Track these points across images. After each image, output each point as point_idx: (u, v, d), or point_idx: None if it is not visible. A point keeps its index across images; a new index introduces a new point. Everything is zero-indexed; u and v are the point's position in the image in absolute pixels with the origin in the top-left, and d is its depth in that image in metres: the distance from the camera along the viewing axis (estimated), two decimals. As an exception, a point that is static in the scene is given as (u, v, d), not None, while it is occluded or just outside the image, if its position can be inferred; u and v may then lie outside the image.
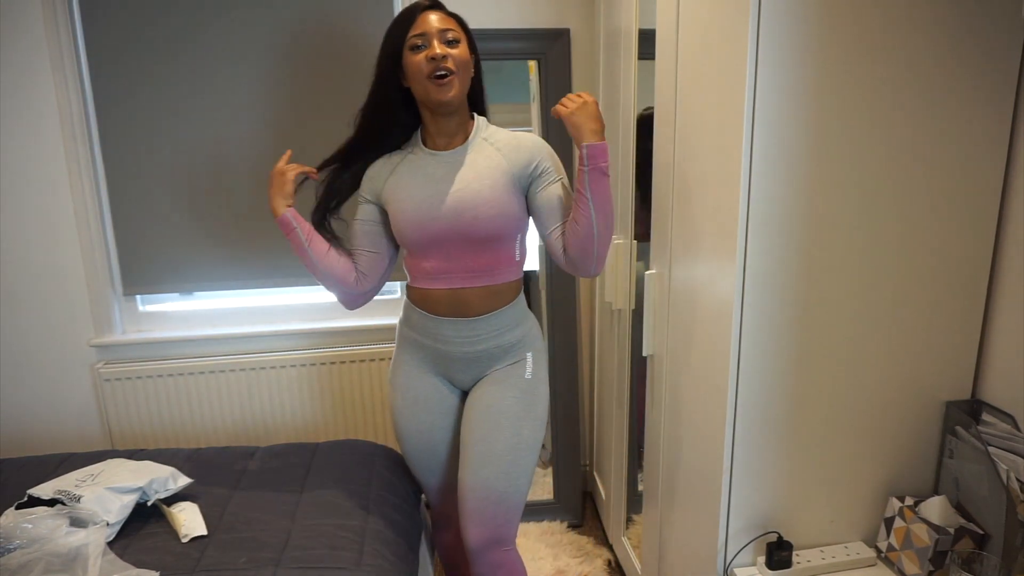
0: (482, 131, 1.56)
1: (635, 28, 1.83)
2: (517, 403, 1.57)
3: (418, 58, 1.45)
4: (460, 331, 1.57)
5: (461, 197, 1.49)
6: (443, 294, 1.56)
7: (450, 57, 1.44)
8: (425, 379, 1.65)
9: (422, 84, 1.46)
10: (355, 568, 1.47)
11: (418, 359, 1.65)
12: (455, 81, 1.46)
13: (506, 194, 1.50)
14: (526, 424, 1.57)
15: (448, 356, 1.61)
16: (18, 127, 2.16)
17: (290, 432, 2.44)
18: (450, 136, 1.55)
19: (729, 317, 1.27)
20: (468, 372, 1.63)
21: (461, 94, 1.49)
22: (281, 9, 2.19)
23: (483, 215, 1.48)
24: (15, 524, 1.44)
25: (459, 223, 1.49)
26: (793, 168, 1.21)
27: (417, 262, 1.58)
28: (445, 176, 1.52)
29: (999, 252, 1.33)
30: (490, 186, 1.49)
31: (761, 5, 1.13)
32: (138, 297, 2.39)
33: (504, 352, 1.60)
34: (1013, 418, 1.27)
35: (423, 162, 1.55)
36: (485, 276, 1.55)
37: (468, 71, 1.50)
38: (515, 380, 1.59)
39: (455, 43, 1.46)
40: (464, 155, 1.53)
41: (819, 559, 1.34)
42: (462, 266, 1.54)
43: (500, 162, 1.52)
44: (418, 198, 1.51)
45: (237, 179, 2.29)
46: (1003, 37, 1.23)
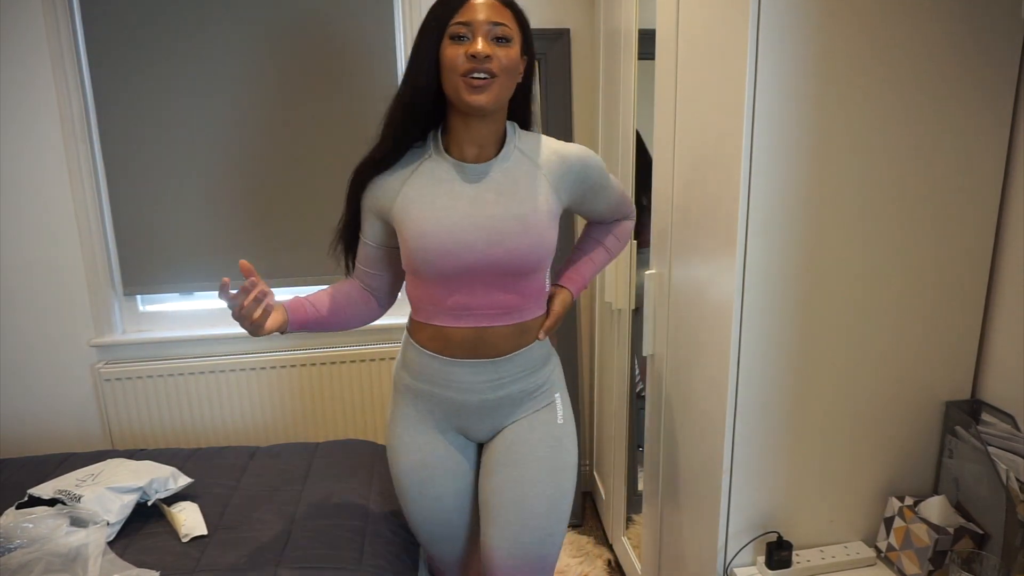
0: (515, 139, 1.31)
1: (635, 28, 1.83)
2: (551, 454, 1.36)
3: (457, 51, 1.19)
4: (481, 375, 1.33)
5: (498, 223, 1.24)
6: (464, 334, 1.31)
7: (495, 58, 1.18)
8: (433, 437, 1.38)
9: (453, 81, 1.20)
10: (355, 568, 1.47)
11: (424, 412, 1.38)
12: (494, 86, 1.20)
13: (549, 220, 1.28)
14: (563, 476, 1.37)
15: (464, 406, 1.35)
16: (18, 127, 2.16)
17: (290, 432, 2.44)
18: (481, 145, 1.28)
19: (729, 317, 1.27)
20: (487, 422, 1.38)
21: (498, 101, 1.22)
22: (282, 9, 2.20)
23: (523, 246, 1.25)
24: (15, 524, 1.44)
25: (493, 254, 1.24)
26: (793, 168, 1.21)
27: (430, 295, 1.31)
28: (476, 195, 1.26)
29: (999, 252, 1.33)
30: (532, 211, 1.25)
31: (761, 5, 1.13)
32: (138, 297, 2.39)
33: (529, 395, 1.37)
34: (1013, 418, 1.27)
35: (446, 174, 1.28)
36: (515, 313, 1.32)
37: (513, 76, 1.24)
38: (547, 428, 1.37)
39: (505, 41, 1.20)
40: (499, 170, 1.28)
41: (819, 559, 1.34)
42: (490, 302, 1.29)
43: (543, 183, 1.29)
44: (443, 221, 1.24)
45: (237, 179, 2.29)
46: (1003, 37, 1.23)
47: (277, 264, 2.36)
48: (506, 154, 1.29)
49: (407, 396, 1.39)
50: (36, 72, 2.14)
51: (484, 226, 1.24)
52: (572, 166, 1.32)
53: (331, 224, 2.26)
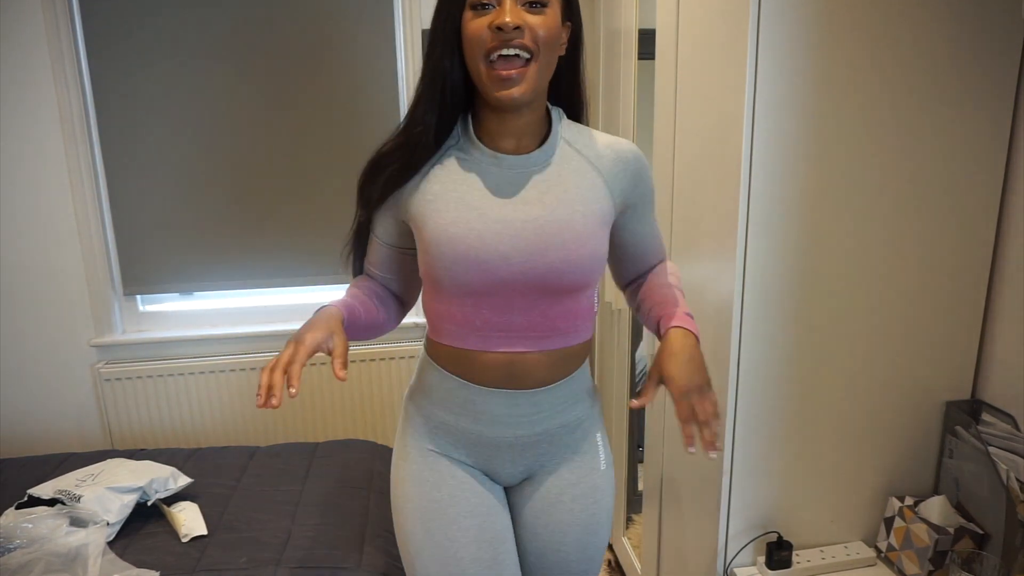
0: (563, 130, 1.07)
1: (635, 28, 1.83)
2: (594, 509, 1.16)
3: (479, 23, 0.94)
4: (516, 407, 1.09)
5: (543, 227, 1.00)
6: (496, 360, 1.07)
7: (527, 29, 0.93)
8: (453, 474, 1.12)
9: (478, 68, 0.96)
10: (355, 568, 1.47)
11: (444, 447, 1.13)
12: (529, 72, 0.95)
13: (602, 227, 1.04)
14: (604, 527, 1.19)
15: (495, 443, 1.11)
16: (18, 127, 2.16)
17: (290, 432, 2.44)
18: (518, 136, 1.04)
19: (729, 317, 1.27)
20: (520, 463, 1.14)
21: (535, 90, 0.98)
22: (282, 9, 2.19)
23: (573, 256, 1.01)
24: (15, 524, 1.44)
25: (537, 266, 1.01)
26: (793, 168, 1.21)
27: (452, 312, 1.07)
28: (514, 194, 1.02)
29: (999, 252, 1.33)
30: (583, 214, 1.02)
31: (761, 5, 1.12)
32: (138, 297, 2.39)
33: (569, 432, 1.14)
34: (1013, 418, 1.27)
35: (476, 167, 1.04)
36: (556, 337, 1.07)
37: (554, 50, 0.98)
38: (589, 479, 1.15)
39: (540, 7, 0.95)
40: (543, 164, 1.04)
41: (819, 559, 1.34)
42: (528, 323, 1.05)
43: (595, 180, 1.05)
44: (473, 224, 1.00)
45: (237, 179, 2.29)
46: (1003, 37, 1.23)
47: (277, 265, 2.36)
48: (551, 145, 1.04)
49: (421, 428, 1.14)
50: (36, 72, 2.14)
51: (523, 233, 1.00)
52: (629, 164, 1.07)
53: (331, 224, 2.25)
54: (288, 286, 2.41)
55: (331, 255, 2.35)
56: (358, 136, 2.29)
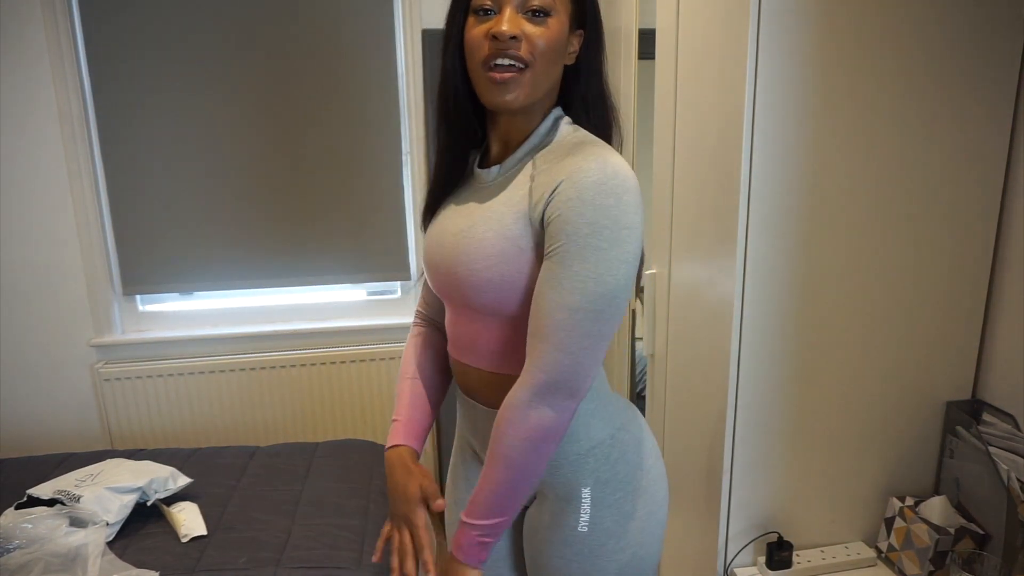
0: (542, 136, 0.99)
1: (635, 28, 1.83)
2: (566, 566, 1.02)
3: (479, 30, 0.92)
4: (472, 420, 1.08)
5: (459, 242, 0.96)
6: (457, 367, 1.08)
7: (524, 39, 0.90)
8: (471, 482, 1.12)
9: (476, 72, 0.94)
10: (355, 568, 1.47)
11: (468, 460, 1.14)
12: (524, 79, 0.92)
13: (517, 251, 0.92)
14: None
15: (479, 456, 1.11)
16: (18, 127, 2.16)
17: (290, 432, 2.44)
18: (505, 143, 1.01)
19: (729, 317, 1.26)
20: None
21: (530, 97, 0.94)
22: (282, 9, 2.19)
23: (476, 276, 0.94)
24: (15, 524, 1.44)
25: (450, 279, 0.98)
26: (793, 168, 1.20)
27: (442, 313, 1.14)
28: (465, 204, 1.01)
29: (999, 252, 1.33)
30: (496, 233, 0.93)
31: (761, 5, 1.12)
32: (138, 297, 2.39)
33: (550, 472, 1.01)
34: (1013, 418, 1.27)
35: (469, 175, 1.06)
36: (495, 360, 1.00)
37: (554, 61, 0.94)
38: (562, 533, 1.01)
39: (541, 16, 0.91)
40: (497, 175, 1.00)
41: (819, 559, 1.34)
42: (467, 336, 1.02)
43: (522, 196, 0.94)
44: (431, 232, 1.04)
45: (237, 179, 2.29)
46: (1003, 37, 1.22)
47: (277, 265, 2.36)
48: (516, 156, 0.99)
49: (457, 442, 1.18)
50: (36, 72, 2.14)
51: (447, 244, 0.99)
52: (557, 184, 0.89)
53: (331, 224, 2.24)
54: (288, 286, 2.41)
55: (331, 255, 2.36)
56: (358, 136, 2.29)
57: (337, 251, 2.38)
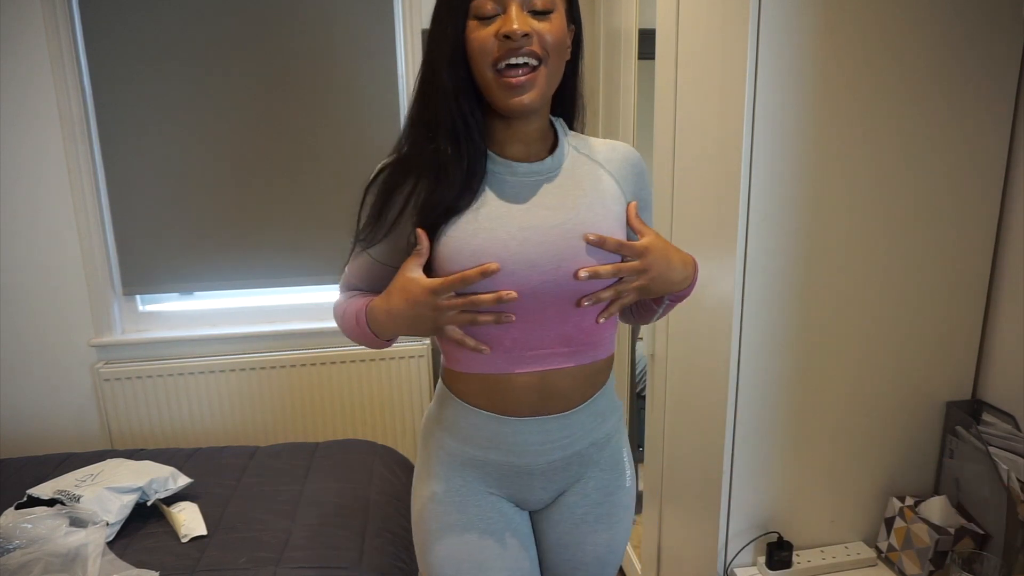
0: (568, 137, 1.06)
1: (635, 28, 1.83)
2: (619, 526, 1.14)
3: (485, 33, 0.92)
4: (548, 434, 1.05)
5: (569, 231, 0.96)
6: (527, 382, 1.02)
7: (536, 35, 0.91)
8: (482, 507, 1.08)
9: (486, 77, 0.93)
10: (355, 568, 1.47)
11: (473, 482, 1.08)
12: (539, 78, 0.93)
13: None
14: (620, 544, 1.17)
15: (524, 471, 1.07)
16: (18, 127, 2.16)
17: (290, 432, 2.44)
18: (527, 143, 1.01)
19: (729, 317, 1.26)
20: (550, 488, 1.10)
21: (544, 96, 0.96)
22: (282, 9, 2.19)
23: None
24: (15, 524, 1.44)
25: (567, 270, 0.96)
26: (793, 168, 1.21)
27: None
28: (533, 201, 0.98)
29: (999, 252, 1.33)
30: (604, 216, 0.99)
31: (761, 5, 1.12)
32: (138, 297, 2.39)
33: (598, 450, 1.11)
34: (1013, 418, 1.27)
35: (492, 177, 0.99)
36: (586, 351, 1.04)
37: (561, 55, 0.96)
38: (613, 496, 1.13)
39: (545, 14, 0.93)
40: (556, 170, 1.01)
41: (819, 559, 1.34)
42: (560, 337, 1.01)
43: (610, 184, 1.02)
44: (497, 233, 0.95)
45: (237, 179, 2.29)
46: (1003, 37, 1.22)
47: (277, 265, 2.35)
48: (561, 152, 1.02)
49: (450, 465, 1.08)
50: (36, 74, 2.14)
51: (550, 238, 0.96)
52: (635, 165, 1.07)
53: (330, 224, 2.26)
54: (288, 286, 2.41)
55: (331, 255, 2.36)
56: (358, 136, 2.29)
57: (337, 251, 2.36)
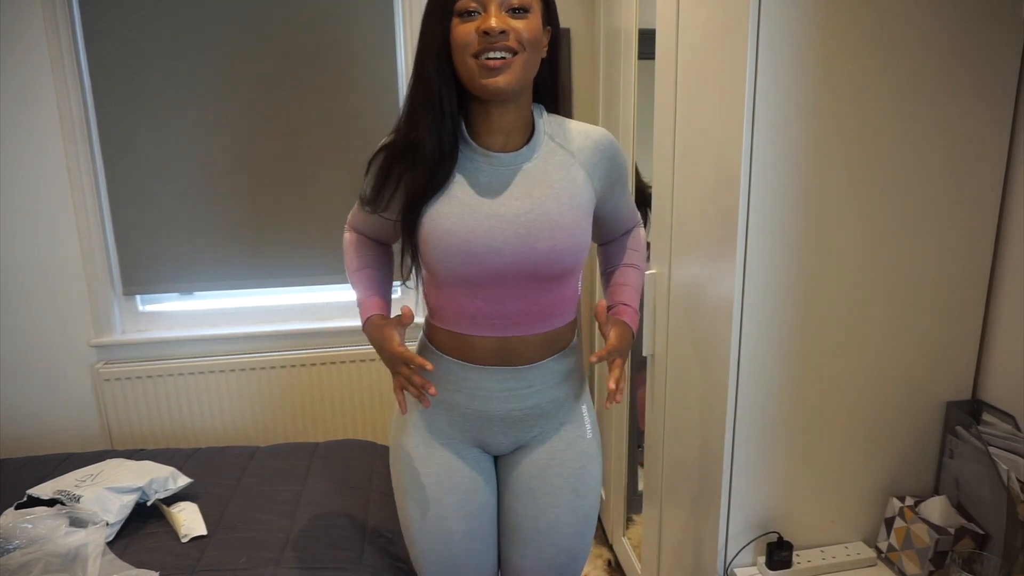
0: (545, 126, 1.16)
1: (635, 28, 1.83)
2: (580, 474, 1.26)
3: (467, 28, 1.04)
4: (507, 384, 1.20)
5: (533, 221, 1.10)
6: (490, 343, 1.18)
7: (512, 32, 1.03)
8: (448, 451, 1.23)
9: (466, 64, 1.05)
10: (355, 568, 1.47)
11: (440, 422, 1.24)
12: (515, 64, 1.04)
13: (585, 216, 1.14)
14: (592, 495, 1.28)
15: (487, 416, 1.22)
16: (18, 127, 2.16)
17: (290, 432, 2.44)
18: (506, 133, 1.12)
19: (729, 317, 1.27)
20: (510, 435, 1.24)
21: (521, 81, 1.07)
22: (281, 9, 2.19)
23: (561, 246, 1.11)
24: (15, 524, 1.44)
25: (527, 256, 1.10)
26: (793, 167, 1.21)
27: (449, 301, 1.18)
28: (504, 189, 1.11)
29: (999, 252, 1.33)
30: (569, 206, 1.12)
31: (761, 5, 1.12)
32: (138, 297, 2.39)
33: (558, 406, 1.25)
34: (1013, 418, 1.27)
35: (470, 164, 1.12)
36: (545, 321, 1.19)
37: (537, 51, 1.08)
38: (575, 446, 1.26)
39: (522, 12, 1.05)
40: (529, 160, 1.13)
41: (819, 559, 1.34)
42: (517, 310, 1.16)
43: (578, 173, 1.14)
44: (466, 218, 1.10)
45: (237, 179, 2.29)
46: (1003, 37, 1.22)
47: (277, 265, 2.35)
48: (536, 142, 1.14)
49: (418, 408, 1.25)
50: (36, 72, 2.14)
51: (513, 226, 1.09)
52: (605, 151, 1.17)
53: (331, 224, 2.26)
54: (288, 286, 2.41)
55: (331, 255, 2.36)
56: (358, 136, 2.29)
57: (337, 251, 2.35)
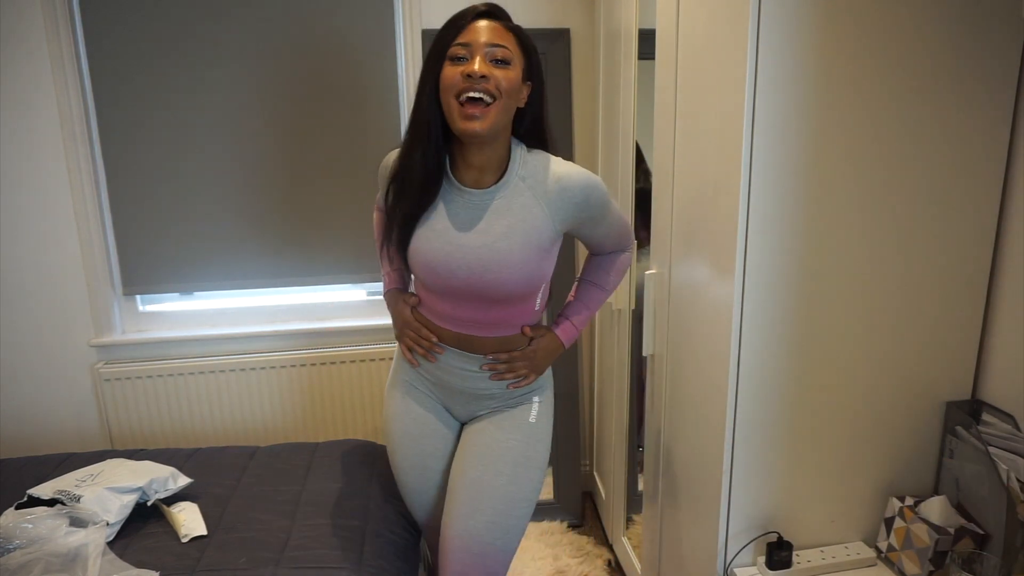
0: (519, 167, 1.30)
1: (635, 28, 1.83)
2: (518, 446, 1.42)
3: (454, 71, 1.20)
4: (462, 362, 1.42)
5: (483, 256, 1.27)
6: (449, 333, 1.41)
7: (492, 79, 1.19)
8: (424, 403, 1.49)
9: (450, 105, 1.21)
10: (355, 568, 1.47)
11: (418, 382, 1.50)
12: (491, 112, 1.20)
13: (538, 254, 1.28)
14: (525, 472, 1.41)
15: (449, 385, 1.46)
16: (18, 127, 2.16)
17: (290, 432, 2.44)
18: (480, 170, 1.29)
19: (729, 317, 1.27)
20: (468, 406, 1.48)
21: (493, 127, 1.21)
22: (282, 9, 2.19)
23: (507, 279, 1.28)
24: (15, 524, 1.44)
25: (477, 283, 1.29)
26: (793, 167, 1.21)
27: (427, 298, 1.42)
28: (469, 223, 1.28)
29: (999, 252, 1.33)
30: (521, 245, 1.26)
31: (761, 5, 1.13)
32: (138, 297, 2.39)
33: (508, 394, 1.45)
34: (1013, 418, 1.27)
35: (449, 196, 1.31)
36: (499, 328, 1.39)
37: (513, 100, 1.24)
38: (518, 423, 1.44)
39: (504, 64, 1.21)
40: (495, 198, 1.28)
41: (819, 559, 1.34)
42: (474, 317, 1.36)
43: (537, 214, 1.27)
44: (433, 243, 1.30)
45: (237, 179, 2.29)
46: (1003, 37, 1.23)
47: (277, 265, 2.35)
48: (506, 182, 1.29)
49: (404, 365, 1.52)
50: (36, 72, 2.14)
51: (468, 256, 1.28)
52: (573, 196, 1.29)
53: (331, 224, 2.27)
54: (288, 286, 2.41)
55: (331, 255, 2.36)
56: (358, 136, 2.29)
57: (337, 251, 2.38)
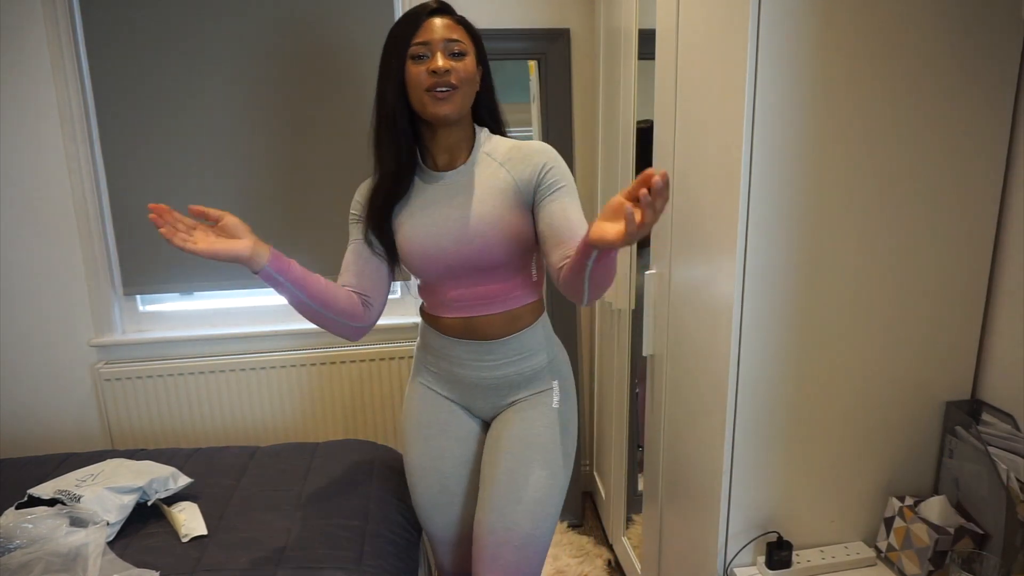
0: (484, 144, 1.43)
1: (635, 28, 1.83)
2: (547, 432, 1.44)
3: (419, 69, 1.32)
4: (475, 354, 1.45)
5: (465, 223, 1.36)
6: (457, 321, 1.44)
7: (454, 71, 1.32)
8: (440, 403, 1.51)
9: (419, 97, 1.33)
10: (355, 568, 1.47)
11: (434, 382, 1.52)
12: (456, 96, 1.33)
13: (513, 212, 1.36)
14: (557, 458, 1.44)
15: (464, 381, 1.48)
16: (18, 127, 2.16)
17: (290, 432, 2.44)
18: (452, 153, 1.41)
19: (729, 317, 1.27)
20: (488, 400, 1.49)
21: (461, 109, 1.35)
22: (282, 9, 2.20)
23: (491, 241, 1.35)
24: (15, 524, 1.44)
25: (466, 252, 1.36)
26: (793, 168, 1.21)
27: (429, 291, 1.47)
28: (448, 200, 1.38)
29: (999, 252, 1.33)
30: (493, 206, 1.35)
31: (761, 5, 1.13)
32: (138, 297, 2.39)
33: (528, 380, 1.47)
34: (1013, 418, 1.27)
35: (425, 183, 1.41)
36: (501, 301, 1.42)
37: (473, 85, 1.37)
38: (543, 409, 1.46)
39: (461, 56, 1.33)
40: (468, 175, 1.39)
41: (819, 559, 1.34)
42: (473, 294, 1.41)
43: (504, 177, 1.38)
44: (420, 228, 1.38)
45: (237, 179, 2.29)
46: (1003, 37, 1.23)
47: (277, 264, 2.35)
48: (474, 158, 1.41)
49: (421, 370, 1.55)
50: (36, 71, 2.14)
51: (452, 228, 1.36)
52: (532, 156, 1.38)
53: (331, 225, 2.27)
54: (288, 286, 2.40)
55: (331, 255, 2.36)
56: (358, 136, 2.28)
57: (337, 251, 2.37)
